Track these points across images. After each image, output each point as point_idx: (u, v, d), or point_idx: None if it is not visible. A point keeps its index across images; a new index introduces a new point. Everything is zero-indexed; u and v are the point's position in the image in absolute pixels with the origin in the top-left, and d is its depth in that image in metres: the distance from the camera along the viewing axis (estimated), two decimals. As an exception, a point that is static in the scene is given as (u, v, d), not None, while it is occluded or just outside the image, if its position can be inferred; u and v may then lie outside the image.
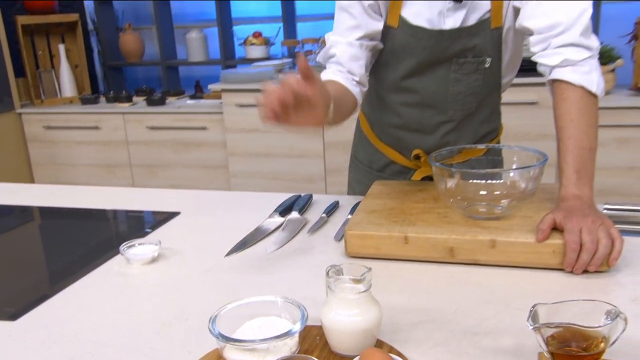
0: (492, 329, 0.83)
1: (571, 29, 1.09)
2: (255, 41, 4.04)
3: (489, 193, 1.08)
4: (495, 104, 1.36)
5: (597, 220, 0.96)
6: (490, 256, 1.01)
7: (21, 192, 1.64)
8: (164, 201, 1.48)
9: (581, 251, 0.95)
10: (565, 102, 1.09)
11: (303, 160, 3.14)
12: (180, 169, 3.47)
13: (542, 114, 2.76)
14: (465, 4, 1.17)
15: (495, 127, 1.39)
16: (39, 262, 1.15)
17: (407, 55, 1.23)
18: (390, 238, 1.05)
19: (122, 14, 4.60)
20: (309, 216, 1.31)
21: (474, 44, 1.20)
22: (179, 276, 1.06)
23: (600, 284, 0.95)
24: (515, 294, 0.93)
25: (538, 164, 1.05)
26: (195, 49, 4.25)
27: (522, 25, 1.15)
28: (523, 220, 1.06)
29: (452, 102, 1.27)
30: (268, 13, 4.33)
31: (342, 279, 0.77)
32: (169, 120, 3.40)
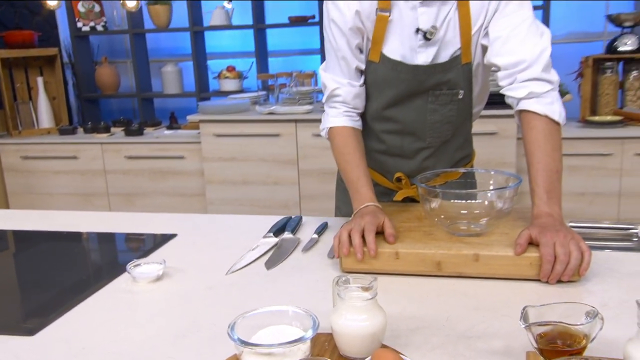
0: (482, 333, 0.89)
1: (534, 65, 1.19)
2: (229, 75, 4.10)
3: (469, 212, 1.15)
4: (467, 132, 1.45)
5: (568, 235, 1.04)
6: (474, 269, 1.07)
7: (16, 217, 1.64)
8: (159, 224, 1.50)
9: (555, 263, 1.02)
10: (533, 130, 1.18)
11: (278, 188, 3.18)
12: (157, 196, 3.46)
13: (500, 144, 2.89)
14: (435, 42, 1.25)
15: (468, 153, 1.48)
16: (49, 282, 1.16)
17: (388, 87, 1.31)
18: (383, 254, 1.10)
19: (97, 48, 4.61)
20: (301, 236, 1.36)
21: (448, 78, 1.28)
22: (184, 292, 1.09)
23: (573, 292, 1.02)
24: (499, 302, 0.99)
25: (513, 186, 1.13)
26: (171, 81, 4.29)
27: (491, 61, 1.24)
28: (501, 237, 1.13)
29: (430, 130, 1.34)
30: (241, 48, 4.41)
31: (350, 287, 0.82)
32: (147, 150, 3.40)
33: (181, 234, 1.41)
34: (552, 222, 1.08)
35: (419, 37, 1.24)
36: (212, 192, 3.28)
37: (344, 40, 1.28)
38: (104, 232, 1.47)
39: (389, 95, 1.32)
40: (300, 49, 4.30)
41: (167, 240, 1.37)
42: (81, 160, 3.53)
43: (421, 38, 1.24)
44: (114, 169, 3.49)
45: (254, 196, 3.23)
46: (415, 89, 1.30)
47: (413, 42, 1.25)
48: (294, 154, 3.11)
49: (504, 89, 1.23)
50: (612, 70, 3.08)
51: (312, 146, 3.08)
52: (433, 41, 1.24)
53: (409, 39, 1.25)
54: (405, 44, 1.26)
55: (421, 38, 1.24)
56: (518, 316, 0.93)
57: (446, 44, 1.25)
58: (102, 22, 4.35)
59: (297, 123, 3.07)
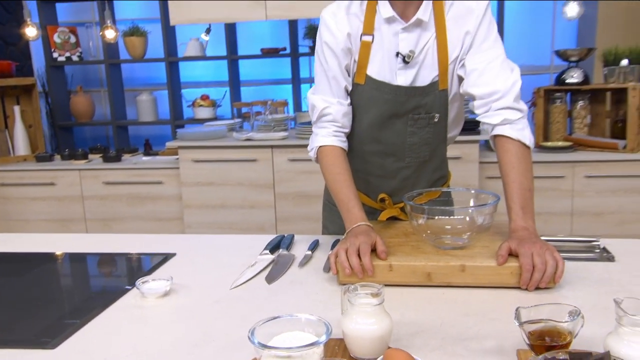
0: (475, 335, 0.95)
1: (507, 95, 1.29)
2: (203, 103, 4.14)
3: (453, 227, 1.22)
4: (443, 155, 1.53)
5: (544, 246, 1.12)
6: (461, 279, 1.14)
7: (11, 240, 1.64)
8: (158, 244, 1.52)
9: (534, 271, 1.09)
10: (507, 153, 1.27)
11: (255, 211, 3.21)
12: (135, 221, 3.44)
13: (465, 167, 3.01)
14: (413, 65, 1.34)
15: (444, 173, 1.56)
16: (60, 300, 1.17)
17: (371, 107, 1.38)
18: (377, 267, 1.16)
19: (71, 77, 4.59)
20: (295, 253, 1.40)
21: (426, 102, 1.37)
22: (192, 306, 1.12)
23: (549, 297, 1.10)
24: (485, 308, 1.06)
25: (492, 203, 1.21)
26: (146, 110, 4.30)
27: (467, 91, 1.33)
28: (483, 249, 1.20)
29: (409, 151, 1.42)
30: (214, 78, 4.46)
31: (360, 294, 0.88)
32: (125, 176, 3.39)
33: (180, 253, 1.44)
34: (528, 235, 1.17)
35: (398, 60, 1.33)
36: (190, 216, 3.28)
37: (336, 61, 1.35)
38: (103, 252, 1.48)
39: (373, 116, 1.39)
40: (271, 78, 4.38)
41: (168, 259, 1.39)
42: (58, 187, 3.49)
43: (400, 61, 1.32)
44: (91, 194, 3.45)
45: (232, 219, 3.25)
46: (396, 110, 1.37)
47: (393, 64, 1.34)
48: (270, 178, 3.15)
49: (480, 116, 1.32)
50: (561, 100, 3.25)
51: (287, 170, 3.13)
52: (411, 64, 1.33)
53: (389, 62, 1.34)
54: (386, 66, 1.34)
55: (400, 61, 1.32)
56: (504, 320, 1.01)
57: (425, 68, 1.33)
58: (78, 52, 4.34)
59: (273, 149, 3.12)
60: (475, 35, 1.30)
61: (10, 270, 1.37)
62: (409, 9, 1.31)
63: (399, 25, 1.31)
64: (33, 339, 0.98)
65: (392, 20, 1.31)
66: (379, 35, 1.33)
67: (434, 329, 0.98)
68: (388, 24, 1.32)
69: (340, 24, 1.33)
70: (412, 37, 1.31)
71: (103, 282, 1.27)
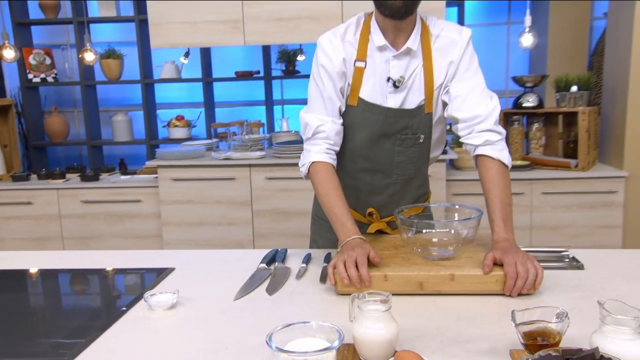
0: (469, 338, 1.01)
1: (488, 119, 1.37)
2: (179, 123, 4.13)
3: (440, 240, 1.28)
4: (426, 173, 1.60)
5: (525, 256, 1.19)
6: (450, 287, 1.20)
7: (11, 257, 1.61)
8: (152, 260, 1.53)
9: (517, 279, 1.16)
10: (489, 171, 1.34)
11: (233, 228, 3.22)
12: (112, 239, 3.40)
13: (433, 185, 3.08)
14: (402, 89, 1.40)
15: (426, 191, 1.62)
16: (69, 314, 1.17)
17: (363, 127, 1.44)
18: (373, 277, 1.20)
19: (44, 98, 4.51)
20: (290, 265, 1.43)
21: (412, 124, 1.43)
22: (200, 317, 1.14)
23: (531, 303, 1.15)
24: (475, 313, 1.12)
25: (476, 217, 1.27)
26: (121, 130, 4.26)
27: (451, 115, 1.40)
28: (468, 260, 1.26)
29: (396, 169, 1.48)
30: (188, 99, 4.47)
31: (369, 301, 0.92)
32: (103, 195, 3.35)
33: (179, 268, 1.45)
34: (509, 245, 1.23)
35: (389, 85, 1.39)
36: (169, 233, 3.26)
37: (331, 83, 1.40)
38: (102, 268, 1.48)
39: (364, 135, 1.44)
40: (244, 100, 4.41)
41: (168, 273, 1.40)
42: (35, 206, 3.41)
43: (391, 85, 1.39)
44: (69, 213, 3.39)
45: (210, 236, 3.24)
46: (386, 130, 1.43)
47: (384, 88, 1.40)
48: (247, 196, 3.17)
49: (463, 138, 1.39)
50: (518, 123, 3.39)
51: (264, 188, 3.16)
52: (401, 88, 1.40)
53: (380, 86, 1.40)
54: (377, 90, 1.40)
55: (391, 85, 1.39)
56: (494, 323, 1.07)
57: (413, 92, 1.40)
58: (53, 74, 4.28)
59: (251, 167, 3.14)
60: (458, 64, 1.38)
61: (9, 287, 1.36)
62: (399, 39, 1.38)
63: (390, 53, 1.38)
64: (50, 351, 0.98)
65: (384, 49, 1.38)
66: (372, 62, 1.39)
67: (431, 333, 1.03)
68: (380, 52, 1.39)
69: (336, 50, 1.39)
70: (401, 64, 1.38)
71: (108, 297, 1.27)
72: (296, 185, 3.13)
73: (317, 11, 3.09)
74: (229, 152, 3.25)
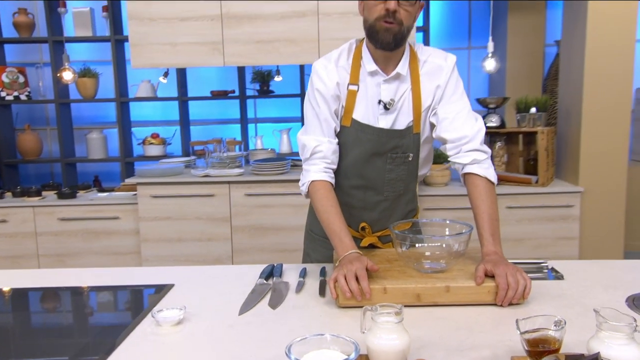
0: (471, 346, 1.03)
1: (474, 139, 1.42)
2: (154, 141, 4.08)
3: (432, 253, 1.31)
4: (414, 190, 1.63)
5: (514, 267, 1.23)
6: (446, 298, 1.23)
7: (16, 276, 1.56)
8: (149, 276, 1.50)
9: (508, 290, 1.20)
10: (477, 188, 1.38)
11: (212, 243, 3.19)
12: (89, 256, 3.31)
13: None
14: (393, 111, 1.44)
15: (414, 207, 1.66)
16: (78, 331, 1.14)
17: (356, 146, 1.46)
18: (373, 290, 1.22)
19: (16, 116, 4.38)
20: (287, 280, 1.44)
21: (402, 143, 1.47)
22: (209, 332, 1.13)
23: (521, 312, 1.20)
24: (471, 322, 1.15)
25: (467, 232, 1.31)
26: (96, 147, 4.17)
27: (440, 136, 1.45)
28: (460, 272, 1.30)
29: (387, 186, 1.51)
30: (163, 117, 4.41)
31: (383, 313, 0.93)
32: (81, 212, 3.27)
33: (178, 284, 1.43)
34: (499, 258, 1.28)
35: (380, 107, 1.43)
36: (148, 249, 3.20)
37: (326, 105, 1.42)
38: (102, 285, 1.45)
39: (357, 154, 1.47)
40: (219, 118, 4.39)
41: (169, 289, 1.38)
42: (10, 224, 3.30)
43: (382, 107, 1.43)
44: (45, 231, 3.30)
45: (189, 252, 3.20)
46: (377, 149, 1.46)
47: (376, 110, 1.44)
48: (227, 212, 3.15)
49: (451, 157, 1.44)
50: (482, 141, 3.49)
51: (243, 205, 3.15)
52: (391, 110, 1.43)
53: (372, 108, 1.43)
54: (370, 111, 1.44)
55: (382, 107, 1.43)
56: (490, 332, 1.10)
57: (402, 114, 1.44)
58: (26, 92, 4.16)
59: (230, 184, 3.13)
60: (445, 88, 1.43)
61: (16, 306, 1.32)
62: (389, 65, 1.42)
63: (381, 77, 1.42)
64: (65, 369, 0.96)
65: (375, 74, 1.42)
66: (364, 86, 1.43)
67: (435, 343, 1.05)
68: (371, 76, 1.42)
69: (330, 74, 1.42)
70: (391, 87, 1.42)
71: (113, 314, 1.24)
72: (275, 202, 3.13)
73: (295, 34, 3.13)
74: (207, 169, 3.23)
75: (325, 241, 1.61)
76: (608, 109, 3.22)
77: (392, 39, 1.34)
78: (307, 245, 1.70)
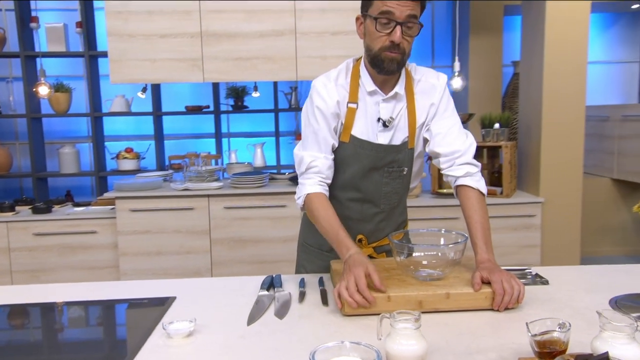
0: (477, 350, 1.05)
1: (466, 153, 1.45)
2: (128, 155, 3.99)
3: (429, 262, 1.34)
4: (405, 202, 1.66)
5: (507, 274, 1.27)
6: (446, 304, 1.25)
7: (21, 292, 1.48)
8: (146, 290, 1.46)
9: (504, 295, 1.23)
10: (470, 199, 1.42)
11: (191, 256, 3.13)
12: (65, 271, 3.19)
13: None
14: (391, 128, 1.46)
15: (405, 217, 1.68)
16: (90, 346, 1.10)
17: (355, 161, 1.48)
18: (378, 298, 1.23)
19: (-17, 131, 4.22)
20: (288, 290, 1.43)
21: (398, 158, 1.49)
22: (221, 343, 1.11)
23: (516, 316, 1.23)
24: (473, 327, 1.17)
25: (462, 241, 1.34)
26: (68, 162, 4.04)
27: (433, 150, 1.48)
28: (456, 279, 1.32)
29: (383, 198, 1.53)
30: (136, 132, 4.33)
31: (401, 320, 0.94)
32: (57, 227, 3.15)
33: (180, 297, 1.40)
34: (493, 265, 1.31)
35: (379, 124, 1.44)
36: (126, 263, 3.11)
37: (325, 122, 1.43)
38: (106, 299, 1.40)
39: (356, 168, 1.48)
40: (192, 133, 4.34)
41: (171, 302, 1.35)
42: (-18, 239, 3.15)
43: (381, 125, 1.44)
44: (19, 246, 3.16)
45: (168, 265, 3.13)
46: (375, 164, 1.48)
47: (375, 127, 1.45)
48: (206, 225, 3.11)
49: (444, 170, 1.47)
50: (449, 155, 3.57)
51: (222, 217, 3.11)
52: (389, 127, 1.45)
53: (372, 125, 1.45)
54: (369, 128, 1.45)
55: (381, 125, 1.44)
56: (493, 335, 1.12)
57: (398, 131, 1.47)
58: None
59: (209, 198, 3.09)
60: (438, 106, 1.46)
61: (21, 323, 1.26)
62: (387, 85, 1.44)
63: (380, 96, 1.44)
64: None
65: (374, 93, 1.44)
66: (363, 104, 1.44)
67: (442, 347, 1.06)
68: (370, 95, 1.44)
69: (330, 93, 1.43)
70: (389, 106, 1.45)
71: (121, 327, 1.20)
72: (253, 214, 3.11)
73: (273, 52, 3.14)
74: (186, 183, 3.18)
75: (321, 252, 1.61)
76: (565, 125, 3.36)
77: (397, 67, 1.38)
78: (301, 257, 1.69)
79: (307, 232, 1.66)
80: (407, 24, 1.32)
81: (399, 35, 1.32)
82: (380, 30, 1.34)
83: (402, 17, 1.31)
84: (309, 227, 1.65)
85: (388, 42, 1.34)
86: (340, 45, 3.11)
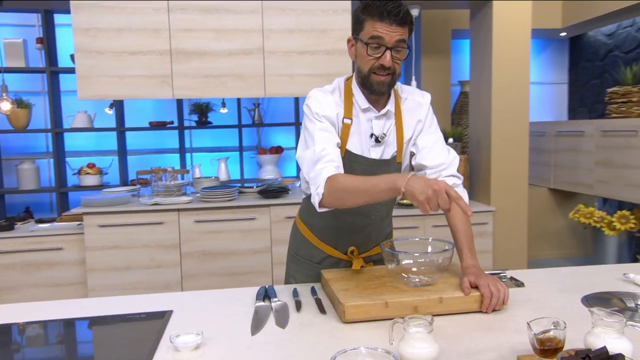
0: (476, 350, 1.08)
1: (450, 167, 1.49)
2: (90, 171, 3.84)
3: (418, 269, 1.36)
4: (391, 213, 1.67)
5: (493, 278, 1.31)
6: (439, 308, 1.27)
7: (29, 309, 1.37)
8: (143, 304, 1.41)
9: (492, 298, 1.27)
10: (454, 209, 1.45)
11: (161, 270, 3.03)
12: (29, 289, 3.01)
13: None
14: (382, 144, 1.48)
15: (391, 228, 1.70)
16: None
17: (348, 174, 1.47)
18: (376, 304, 1.23)
19: None
20: (282, 300, 1.41)
21: (388, 171, 1.50)
22: (230, 354, 1.08)
23: (504, 317, 1.26)
24: (467, 329, 1.19)
25: (450, 248, 1.37)
26: (28, 178, 3.83)
27: (420, 163, 1.51)
28: (445, 285, 1.35)
29: (374, 210, 1.54)
30: (98, 147, 4.16)
31: (415, 324, 0.95)
32: (20, 244, 2.97)
33: (176, 310, 1.36)
34: (478, 270, 1.35)
35: (372, 140, 1.46)
36: (94, 279, 2.97)
37: (330, 123, 1.41)
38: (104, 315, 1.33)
39: None
40: (155, 148, 4.22)
41: (170, 315, 1.30)
42: (-62, 259, 2.92)
43: (373, 141, 1.46)
44: (-21, 264, 2.95)
45: (137, 279, 3.01)
46: None
47: (368, 142, 1.47)
48: (176, 239, 3.02)
49: None
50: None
51: (193, 231, 3.03)
52: (381, 143, 1.47)
53: (365, 140, 1.46)
54: (362, 144, 1.46)
55: (373, 141, 1.46)
56: (487, 336, 1.15)
57: (388, 146, 1.49)
58: (-51, 121, 3.75)
59: (179, 212, 3.01)
60: (424, 122, 1.50)
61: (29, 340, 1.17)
62: (379, 102, 1.46)
63: (372, 114, 1.46)
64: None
65: (367, 110, 1.46)
66: (357, 121, 1.45)
67: (444, 349, 1.08)
68: (364, 112, 1.46)
69: (330, 104, 1.42)
70: (381, 122, 1.47)
71: (124, 343, 1.14)
72: (223, 227, 3.05)
73: (242, 70, 3.11)
74: (155, 197, 3.08)
75: (311, 264, 1.60)
76: (512, 140, 3.52)
77: (387, 89, 1.40)
78: (291, 267, 1.67)
79: (298, 244, 1.65)
80: (397, 48, 1.35)
81: (388, 59, 1.34)
82: (370, 54, 1.36)
83: (392, 42, 1.34)
84: (300, 240, 1.63)
85: (378, 64, 1.36)
86: (307, 65, 3.13)
